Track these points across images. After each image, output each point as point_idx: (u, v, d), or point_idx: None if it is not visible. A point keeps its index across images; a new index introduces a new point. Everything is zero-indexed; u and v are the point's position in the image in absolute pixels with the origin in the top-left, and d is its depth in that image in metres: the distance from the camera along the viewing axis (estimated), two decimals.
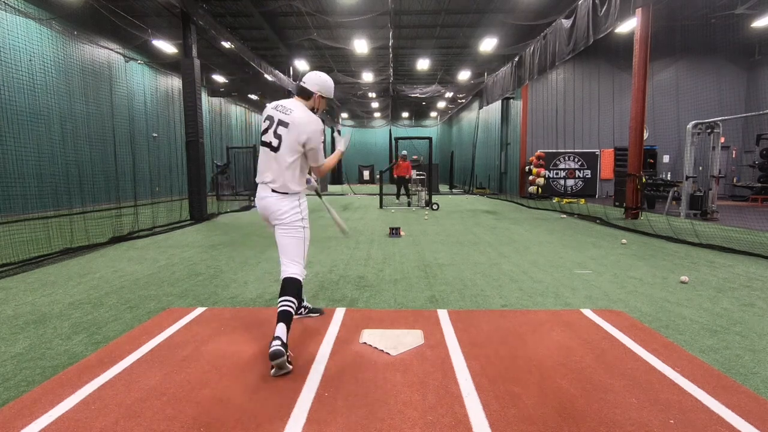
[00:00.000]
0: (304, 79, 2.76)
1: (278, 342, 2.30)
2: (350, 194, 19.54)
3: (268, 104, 2.72)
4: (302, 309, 3.21)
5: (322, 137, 2.68)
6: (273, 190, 2.62)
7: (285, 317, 2.42)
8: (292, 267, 2.63)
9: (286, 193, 2.63)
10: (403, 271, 4.70)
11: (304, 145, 2.60)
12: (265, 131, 2.63)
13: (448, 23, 14.33)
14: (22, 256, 5.09)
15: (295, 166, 2.63)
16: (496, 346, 2.69)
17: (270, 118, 2.63)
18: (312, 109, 2.74)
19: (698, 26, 13.32)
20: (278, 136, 2.59)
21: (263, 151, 2.65)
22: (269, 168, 2.62)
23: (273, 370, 2.31)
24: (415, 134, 25.10)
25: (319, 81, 2.74)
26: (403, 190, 13.83)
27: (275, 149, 2.59)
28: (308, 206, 2.89)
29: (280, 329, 2.35)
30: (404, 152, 13.76)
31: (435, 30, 14.97)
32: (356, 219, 9.80)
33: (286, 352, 2.31)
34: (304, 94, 2.73)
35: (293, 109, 2.62)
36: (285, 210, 2.63)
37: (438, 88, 18.81)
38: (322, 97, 2.77)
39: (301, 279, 2.62)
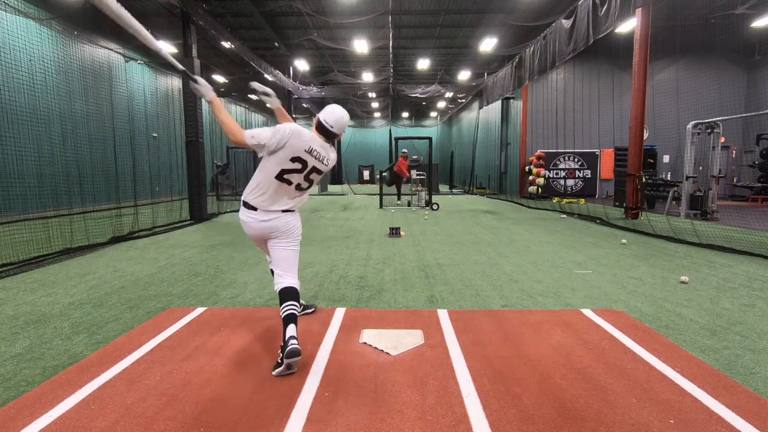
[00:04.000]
0: (330, 122, 2.58)
1: (296, 342, 2.32)
2: (350, 194, 19.53)
3: (290, 136, 2.43)
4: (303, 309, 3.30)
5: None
6: (284, 211, 2.61)
7: (293, 319, 2.44)
8: (288, 278, 2.61)
9: (295, 211, 2.72)
10: (403, 271, 4.70)
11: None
12: (292, 171, 2.49)
13: (448, 23, 14.33)
14: (22, 256, 5.09)
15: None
16: (496, 346, 2.69)
17: (303, 161, 2.49)
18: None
19: (698, 26, 13.31)
20: (310, 180, 2.61)
21: (282, 186, 2.52)
22: (290, 199, 2.60)
23: (280, 369, 2.31)
24: (415, 134, 25.15)
25: (343, 124, 2.65)
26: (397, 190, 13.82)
27: (303, 189, 2.63)
28: (309, 206, 2.92)
29: (293, 329, 2.37)
30: (404, 150, 13.73)
31: (435, 30, 14.97)
32: (356, 219, 9.80)
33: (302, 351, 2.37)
34: (332, 138, 2.65)
35: (329, 157, 2.62)
36: (297, 226, 2.70)
37: (438, 88, 18.80)
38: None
39: (298, 288, 2.64)
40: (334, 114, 2.61)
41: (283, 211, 2.59)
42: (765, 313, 3.32)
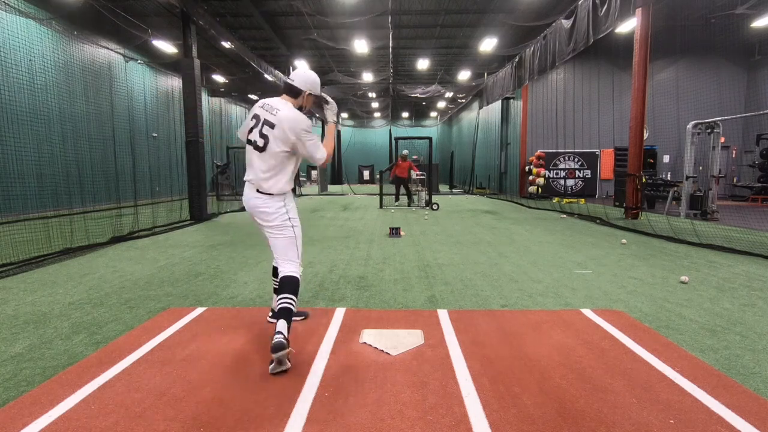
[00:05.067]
0: (291, 76, 2.68)
1: (280, 336, 2.30)
2: (350, 194, 19.53)
3: (256, 102, 2.68)
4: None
5: (311, 131, 2.61)
6: (258, 191, 2.60)
7: (285, 314, 2.41)
8: (288, 266, 2.60)
9: (272, 195, 2.60)
10: (403, 271, 4.70)
11: (293, 146, 2.56)
12: (251, 130, 2.59)
13: (448, 23, 14.32)
14: (22, 256, 5.09)
15: (281, 167, 2.59)
16: (496, 346, 2.69)
17: (256, 117, 2.59)
18: (300, 108, 2.69)
19: (698, 26, 13.31)
20: (264, 136, 2.54)
21: (249, 149, 2.63)
22: (253, 166, 2.60)
23: (272, 365, 2.32)
24: (415, 134, 25.11)
25: (308, 79, 2.68)
26: (403, 191, 13.73)
27: (261, 149, 2.56)
28: (309, 206, 2.86)
29: (281, 325, 2.36)
30: (405, 152, 13.55)
31: (435, 30, 14.97)
32: (356, 219, 9.80)
33: (288, 346, 2.32)
34: (292, 93, 2.66)
35: (280, 109, 2.55)
36: (271, 212, 2.60)
37: (438, 88, 18.79)
38: (311, 94, 2.71)
39: (298, 277, 2.59)
40: (297, 71, 2.71)
41: (258, 191, 2.60)
42: (765, 313, 3.32)
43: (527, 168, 16.06)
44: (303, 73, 2.69)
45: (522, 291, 3.94)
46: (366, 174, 32.79)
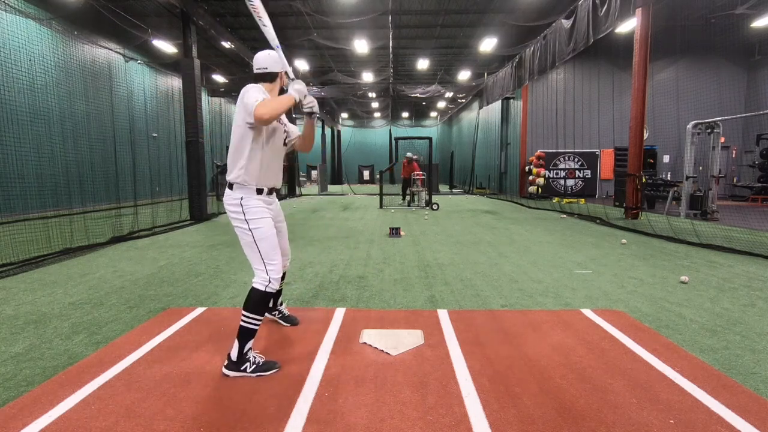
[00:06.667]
0: (264, 65, 2.44)
1: (225, 361, 2.35)
2: (350, 194, 19.53)
3: None
4: (276, 312, 3.08)
5: (251, 92, 2.24)
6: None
7: (238, 333, 2.32)
8: (255, 274, 2.39)
9: (232, 186, 2.35)
10: (403, 271, 4.70)
11: (243, 117, 2.23)
12: None
13: (448, 23, 14.33)
14: (22, 256, 5.09)
15: (238, 145, 2.32)
16: (496, 346, 2.69)
17: None
18: (283, 89, 2.47)
19: (698, 26, 13.31)
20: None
21: None
22: None
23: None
24: (415, 134, 25.11)
25: (276, 57, 2.45)
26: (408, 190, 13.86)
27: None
28: (309, 206, 2.83)
29: (233, 347, 2.33)
30: (409, 154, 13.72)
31: (435, 30, 14.97)
32: (356, 219, 9.80)
33: (232, 371, 2.30)
34: (270, 78, 2.45)
35: None
36: (231, 208, 2.35)
37: (438, 88, 18.79)
38: (261, 73, 2.45)
39: (260, 288, 2.33)
40: (267, 57, 2.48)
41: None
42: (765, 313, 3.32)
43: (527, 168, 16.06)
44: (268, 55, 2.47)
45: (522, 291, 3.94)
46: (366, 174, 32.80)
